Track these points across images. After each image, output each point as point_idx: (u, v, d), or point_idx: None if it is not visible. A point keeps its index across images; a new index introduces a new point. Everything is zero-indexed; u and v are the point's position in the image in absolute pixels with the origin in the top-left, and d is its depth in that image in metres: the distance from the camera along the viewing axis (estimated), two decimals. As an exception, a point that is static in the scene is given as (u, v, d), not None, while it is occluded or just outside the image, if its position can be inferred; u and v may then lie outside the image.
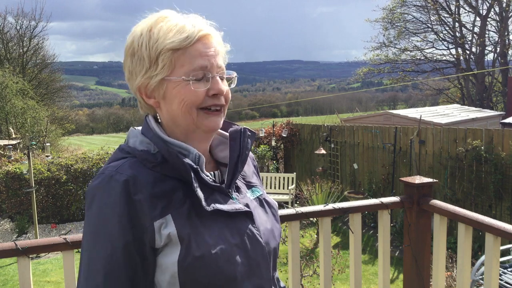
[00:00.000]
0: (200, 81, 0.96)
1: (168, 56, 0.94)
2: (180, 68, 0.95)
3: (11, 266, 6.61)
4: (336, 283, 5.54)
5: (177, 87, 0.95)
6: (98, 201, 0.92)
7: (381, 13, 26.33)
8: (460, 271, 2.03)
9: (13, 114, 15.87)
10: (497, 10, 23.95)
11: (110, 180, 0.91)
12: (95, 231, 0.91)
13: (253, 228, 1.00)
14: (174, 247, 0.91)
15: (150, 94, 0.99)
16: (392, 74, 27.05)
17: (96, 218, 0.91)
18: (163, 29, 0.94)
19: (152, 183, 0.92)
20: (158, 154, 0.96)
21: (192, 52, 0.94)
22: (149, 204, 0.90)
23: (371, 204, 2.19)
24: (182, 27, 0.94)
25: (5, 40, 23.37)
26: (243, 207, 1.00)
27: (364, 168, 8.69)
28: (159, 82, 0.96)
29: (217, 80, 0.98)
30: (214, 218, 0.95)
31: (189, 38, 0.93)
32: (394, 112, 11.42)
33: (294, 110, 67.20)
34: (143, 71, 0.96)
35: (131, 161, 0.95)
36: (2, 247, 1.61)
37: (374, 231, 7.76)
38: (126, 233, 0.89)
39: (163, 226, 0.91)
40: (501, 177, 6.23)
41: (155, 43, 0.94)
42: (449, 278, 4.79)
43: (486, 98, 23.64)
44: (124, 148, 1.00)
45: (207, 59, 0.95)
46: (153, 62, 0.95)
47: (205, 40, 0.96)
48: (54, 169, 8.79)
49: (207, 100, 0.97)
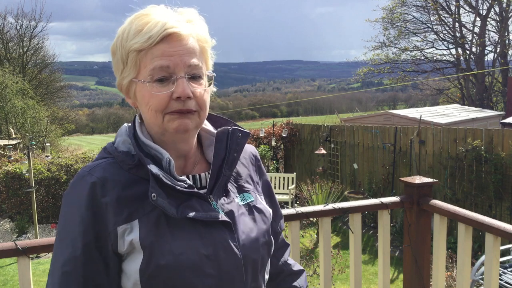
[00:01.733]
0: (163, 83, 0.91)
1: (133, 57, 0.92)
2: (143, 69, 0.92)
3: (11, 266, 6.61)
4: (336, 283, 5.54)
5: (142, 90, 0.93)
6: (66, 201, 0.93)
7: (381, 13, 26.33)
8: (460, 271, 2.03)
9: (13, 114, 15.87)
10: (497, 10, 23.94)
11: (81, 181, 0.91)
12: (60, 231, 0.92)
13: (229, 239, 0.94)
14: (137, 255, 0.89)
15: (127, 94, 0.98)
16: (392, 74, 27.04)
17: (63, 217, 0.92)
18: (132, 29, 0.92)
19: (123, 186, 0.91)
20: (134, 156, 0.94)
21: (155, 52, 0.90)
22: (115, 208, 0.89)
23: (371, 204, 2.20)
24: (150, 26, 0.90)
25: (5, 40, 23.38)
26: (221, 216, 0.94)
27: (364, 168, 8.69)
28: (129, 83, 0.95)
29: (182, 81, 0.91)
30: (186, 226, 0.91)
31: (152, 38, 0.89)
32: (394, 112, 11.42)
33: (294, 110, 67.21)
34: (119, 71, 0.96)
35: (108, 162, 0.94)
36: (2, 247, 1.61)
37: (374, 231, 7.76)
38: (87, 234, 0.88)
39: (127, 232, 0.89)
40: (501, 177, 6.23)
41: (125, 44, 0.92)
42: (449, 278, 4.79)
43: (486, 98, 23.63)
44: (107, 148, 0.99)
45: (169, 59, 0.90)
46: (125, 63, 0.94)
47: (171, 39, 0.91)
48: (54, 169, 8.79)
49: (173, 104, 0.91)
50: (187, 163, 1.02)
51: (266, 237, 1.03)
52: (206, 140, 1.06)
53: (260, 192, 1.12)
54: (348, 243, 2.29)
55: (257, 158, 1.16)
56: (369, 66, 26.98)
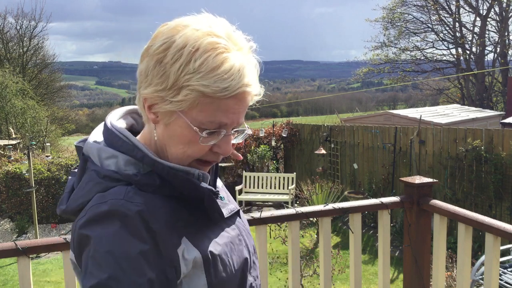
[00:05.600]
0: (211, 134, 0.83)
1: (194, 96, 0.79)
2: (199, 112, 0.80)
3: (11, 266, 6.61)
4: (336, 283, 5.54)
5: (184, 130, 0.82)
6: (102, 242, 0.75)
7: (381, 13, 26.36)
8: (460, 271, 2.03)
9: (13, 114, 15.87)
10: (497, 10, 23.95)
11: (119, 212, 0.77)
12: (107, 265, 0.74)
13: (243, 222, 1.01)
14: (197, 270, 0.83)
15: (155, 112, 0.85)
16: (392, 74, 27.06)
17: (111, 250, 0.75)
18: (208, 64, 0.78)
19: (161, 207, 0.82)
20: (152, 175, 0.84)
21: (222, 105, 0.80)
22: (168, 231, 0.80)
23: (371, 204, 2.20)
24: (227, 70, 0.78)
25: (5, 40, 23.37)
26: (234, 207, 1.00)
27: (364, 168, 8.69)
28: (169, 111, 0.82)
29: (229, 139, 0.86)
30: (219, 225, 0.92)
31: (227, 90, 0.79)
32: (394, 112, 11.42)
33: (294, 110, 67.17)
34: (160, 86, 0.81)
35: (128, 189, 0.81)
36: (2, 247, 1.61)
37: (374, 231, 7.76)
38: (150, 268, 0.76)
39: (185, 252, 0.82)
40: (501, 177, 6.23)
41: (190, 74, 0.78)
42: (449, 278, 4.79)
43: (486, 98, 23.64)
44: (109, 174, 0.83)
45: (230, 117, 0.82)
46: (175, 87, 0.80)
47: (241, 98, 0.82)
48: (54, 169, 8.79)
49: (208, 155, 0.86)
50: None
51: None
52: None
53: None
54: (348, 243, 2.29)
55: None
56: (369, 66, 27.00)
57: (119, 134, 0.86)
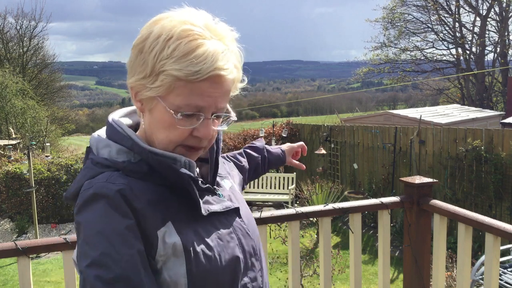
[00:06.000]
0: (189, 118, 0.87)
1: (170, 81, 0.84)
2: (176, 96, 0.85)
3: (11, 266, 6.61)
4: (336, 283, 5.54)
5: (164, 115, 0.87)
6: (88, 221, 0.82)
7: (381, 13, 26.36)
8: (460, 271, 2.03)
9: (13, 114, 15.87)
10: (497, 10, 23.95)
11: (101, 193, 0.83)
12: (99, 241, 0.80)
13: (242, 223, 1.00)
14: (178, 259, 0.85)
15: (139, 99, 0.91)
16: (392, 74, 27.06)
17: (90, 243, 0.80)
18: (180, 49, 0.83)
19: (146, 191, 0.86)
20: (141, 163, 0.89)
21: (195, 89, 0.84)
22: (150, 212, 0.84)
23: (371, 204, 2.19)
24: (200, 58, 0.83)
25: (5, 40, 23.38)
26: (231, 204, 0.99)
27: (364, 168, 8.69)
28: (149, 97, 0.88)
29: (208, 123, 0.89)
30: (210, 221, 0.93)
31: (199, 74, 0.83)
32: (394, 112, 11.42)
33: (294, 110, 67.17)
34: (141, 75, 0.87)
35: (113, 173, 0.87)
36: (2, 247, 1.61)
37: (374, 231, 7.76)
38: (137, 240, 0.81)
39: (166, 235, 0.85)
40: (501, 177, 6.23)
41: (165, 60, 0.83)
42: (449, 278, 4.79)
43: (486, 98, 23.64)
44: (100, 161, 0.90)
45: (206, 100, 0.86)
46: (153, 74, 0.85)
47: (215, 80, 0.85)
48: (54, 169, 8.79)
49: (189, 140, 0.90)
50: None
51: (253, 216, 1.09)
52: None
53: (229, 174, 1.17)
54: (348, 243, 2.29)
55: None
56: (369, 66, 27.00)
57: (117, 127, 0.93)
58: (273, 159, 1.64)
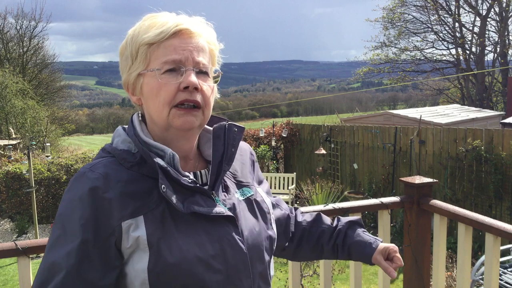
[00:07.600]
0: (171, 73, 0.93)
1: (144, 51, 0.94)
2: (153, 61, 0.94)
3: (11, 266, 6.61)
4: (336, 283, 5.54)
5: (150, 82, 0.94)
6: (66, 198, 0.91)
7: (381, 12, 26.35)
8: (460, 271, 2.03)
9: (13, 114, 15.86)
10: (497, 10, 23.94)
11: (82, 177, 0.90)
12: (57, 226, 0.89)
13: (234, 234, 0.94)
14: (142, 253, 0.87)
15: (133, 91, 1.00)
16: (392, 74, 27.03)
17: (61, 216, 0.90)
18: (145, 26, 0.96)
19: (126, 181, 0.90)
20: (137, 153, 0.95)
21: (167, 46, 0.93)
22: (120, 203, 0.87)
23: (371, 204, 2.19)
24: (163, 23, 0.95)
25: (5, 40, 23.37)
26: (225, 211, 0.95)
27: (364, 168, 8.69)
28: (136, 77, 0.97)
29: (190, 72, 0.94)
30: (191, 222, 0.91)
31: (164, 32, 0.93)
32: (394, 112, 11.42)
33: (294, 110, 67.21)
34: (127, 68, 0.98)
35: (108, 160, 0.94)
36: (2, 247, 1.61)
37: (374, 231, 7.76)
38: (86, 231, 0.86)
39: (132, 228, 0.87)
40: (501, 177, 6.23)
41: (136, 39, 0.95)
42: (449, 278, 4.79)
43: (486, 98, 23.62)
44: (106, 148, 0.99)
45: (181, 53, 0.93)
46: (134, 58, 0.96)
47: (182, 35, 0.95)
48: (54, 169, 8.79)
49: (180, 95, 0.93)
50: (187, 164, 1.02)
51: (269, 231, 1.04)
52: (203, 137, 1.07)
53: (258, 186, 1.14)
54: (348, 243, 2.28)
55: (251, 153, 1.20)
56: (369, 66, 26.98)
57: (131, 120, 1.01)
58: (355, 242, 1.26)
